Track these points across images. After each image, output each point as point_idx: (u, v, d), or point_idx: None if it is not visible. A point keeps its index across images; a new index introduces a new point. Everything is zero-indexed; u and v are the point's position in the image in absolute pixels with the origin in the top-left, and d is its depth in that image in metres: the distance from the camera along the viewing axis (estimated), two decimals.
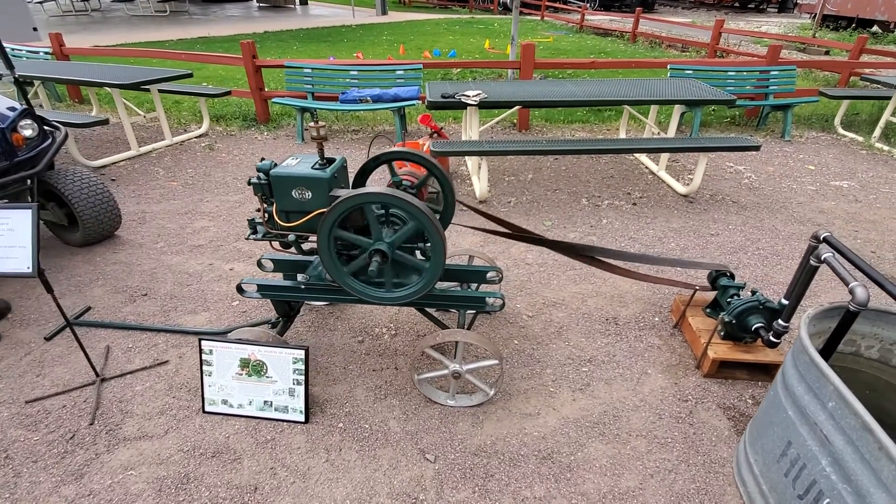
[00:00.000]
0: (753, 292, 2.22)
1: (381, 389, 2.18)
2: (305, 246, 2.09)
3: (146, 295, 2.80)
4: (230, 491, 1.75)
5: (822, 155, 5.11)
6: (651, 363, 2.35)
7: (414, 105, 5.01)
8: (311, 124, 1.86)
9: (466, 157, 4.66)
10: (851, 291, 1.56)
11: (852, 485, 1.25)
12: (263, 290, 2.12)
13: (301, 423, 1.99)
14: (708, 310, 2.49)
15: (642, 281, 2.44)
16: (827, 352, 1.68)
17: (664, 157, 4.43)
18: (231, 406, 2.00)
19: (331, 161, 1.93)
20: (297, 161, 1.93)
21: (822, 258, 1.77)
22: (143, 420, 2.03)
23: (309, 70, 5.19)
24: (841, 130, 5.81)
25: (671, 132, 4.41)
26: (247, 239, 2.18)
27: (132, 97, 6.38)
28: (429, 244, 1.89)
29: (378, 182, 4.21)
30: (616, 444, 1.94)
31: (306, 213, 1.89)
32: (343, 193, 1.75)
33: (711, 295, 2.57)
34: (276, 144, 5.18)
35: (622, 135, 5.25)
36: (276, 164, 1.90)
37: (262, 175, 1.89)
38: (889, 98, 5.48)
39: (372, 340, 2.47)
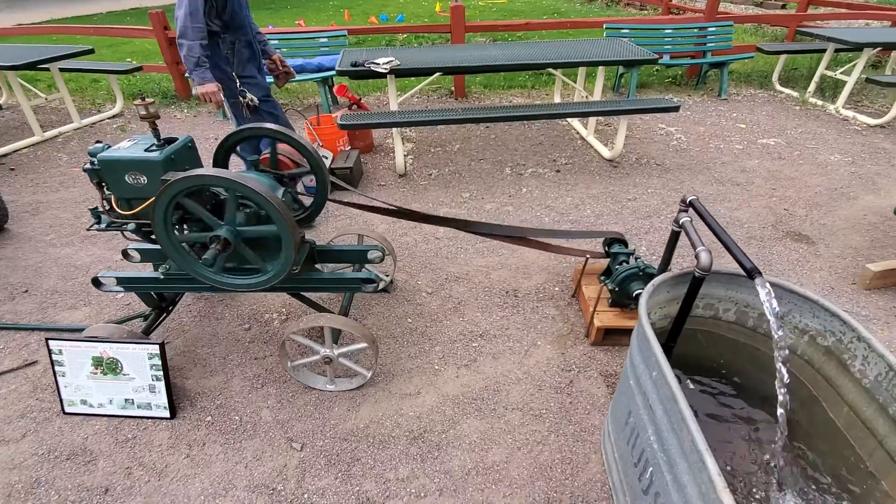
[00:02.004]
0: (636, 258, 2.19)
1: (259, 378, 2.11)
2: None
3: (27, 291, 2.64)
4: (80, 493, 1.68)
5: (756, 113, 5.09)
6: (542, 334, 2.32)
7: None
8: (138, 102, 1.71)
9: (392, 130, 4.50)
10: (696, 256, 1.53)
11: (666, 454, 1.24)
12: (123, 282, 2.00)
13: (167, 418, 1.91)
14: (602, 277, 2.46)
15: (533, 248, 2.39)
16: (682, 317, 1.66)
17: (592, 121, 4.35)
18: (91, 406, 1.91)
19: (170, 141, 1.79)
20: (132, 143, 1.78)
21: (681, 223, 1.73)
22: (2, 425, 1.93)
23: None
24: (778, 87, 5.78)
25: (597, 95, 4.31)
26: (88, 230, 2.04)
27: (46, 79, 5.95)
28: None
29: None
30: (491, 418, 1.93)
31: (147, 200, 1.76)
32: (171, 177, 1.62)
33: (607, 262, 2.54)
34: (195, 122, 4.91)
35: (556, 99, 5.13)
36: (110, 147, 1.76)
37: (94, 160, 1.75)
38: (824, 51, 5.44)
39: (260, 327, 2.38)
